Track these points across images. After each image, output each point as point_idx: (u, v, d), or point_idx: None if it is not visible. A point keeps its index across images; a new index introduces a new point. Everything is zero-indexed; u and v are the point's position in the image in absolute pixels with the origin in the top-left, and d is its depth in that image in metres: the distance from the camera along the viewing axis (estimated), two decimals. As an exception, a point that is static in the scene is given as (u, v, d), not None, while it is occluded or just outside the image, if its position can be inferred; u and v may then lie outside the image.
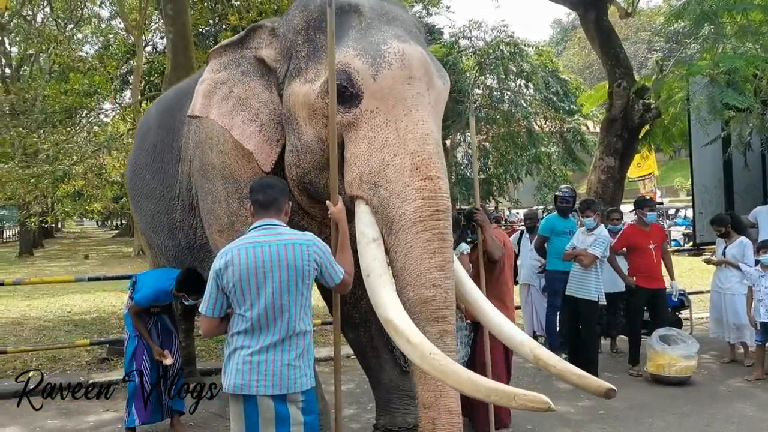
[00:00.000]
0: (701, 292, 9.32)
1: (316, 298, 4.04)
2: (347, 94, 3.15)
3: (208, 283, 2.86)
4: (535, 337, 7.75)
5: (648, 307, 6.49)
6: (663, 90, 8.42)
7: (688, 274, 13.21)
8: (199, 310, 2.92)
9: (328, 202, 3.18)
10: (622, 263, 6.61)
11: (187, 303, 4.57)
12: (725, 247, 6.64)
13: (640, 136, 9.48)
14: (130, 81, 20.11)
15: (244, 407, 2.75)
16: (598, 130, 18.41)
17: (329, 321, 4.39)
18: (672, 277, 6.75)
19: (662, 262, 6.47)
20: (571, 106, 18.64)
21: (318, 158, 3.33)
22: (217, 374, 5.87)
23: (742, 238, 6.60)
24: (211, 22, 17.19)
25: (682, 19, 8.43)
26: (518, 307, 8.43)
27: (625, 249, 6.64)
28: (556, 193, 7.32)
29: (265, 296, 2.72)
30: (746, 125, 7.54)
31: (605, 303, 6.17)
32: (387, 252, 3.07)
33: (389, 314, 2.85)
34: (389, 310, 2.87)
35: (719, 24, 7.57)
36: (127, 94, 21.53)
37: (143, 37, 18.90)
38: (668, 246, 7.07)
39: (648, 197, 6.97)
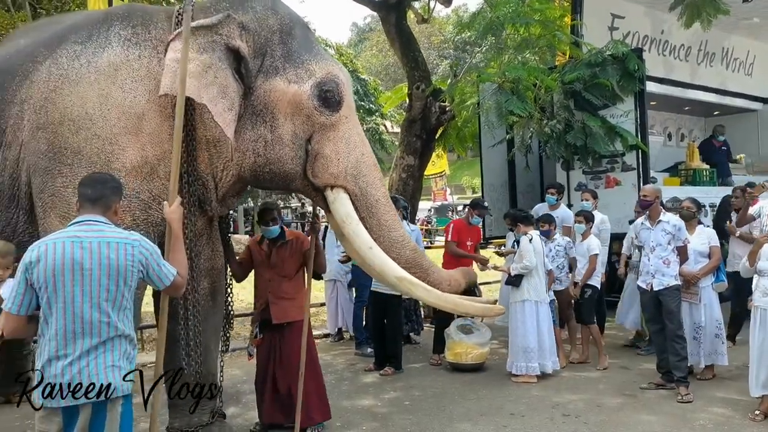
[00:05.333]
0: (489, 283, 10.10)
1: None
2: (333, 100, 3.84)
3: (15, 277, 2.59)
4: (340, 332, 7.83)
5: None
6: (456, 94, 8.95)
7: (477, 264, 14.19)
8: (2, 306, 2.63)
9: (164, 202, 3.22)
10: None
11: None
12: (514, 240, 7.20)
13: (436, 137, 9.99)
14: None
15: (64, 421, 2.52)
16: (396, 129, 19.09)
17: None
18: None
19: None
20: (371, 106, 19.23)
21: (287, 150, 3.83)
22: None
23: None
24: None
25: (471, 29, 9.10)
26: (323, 304, 8.47)
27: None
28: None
29: (81, 295, 2.52)
30: (527, 130, 8.28)
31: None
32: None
33: (402, 273, 3.81)
34: (400, 270, 3.82)
35: (501, 36, 8.25)
36: None
37: None
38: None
39: (485, 204, 7.46)
